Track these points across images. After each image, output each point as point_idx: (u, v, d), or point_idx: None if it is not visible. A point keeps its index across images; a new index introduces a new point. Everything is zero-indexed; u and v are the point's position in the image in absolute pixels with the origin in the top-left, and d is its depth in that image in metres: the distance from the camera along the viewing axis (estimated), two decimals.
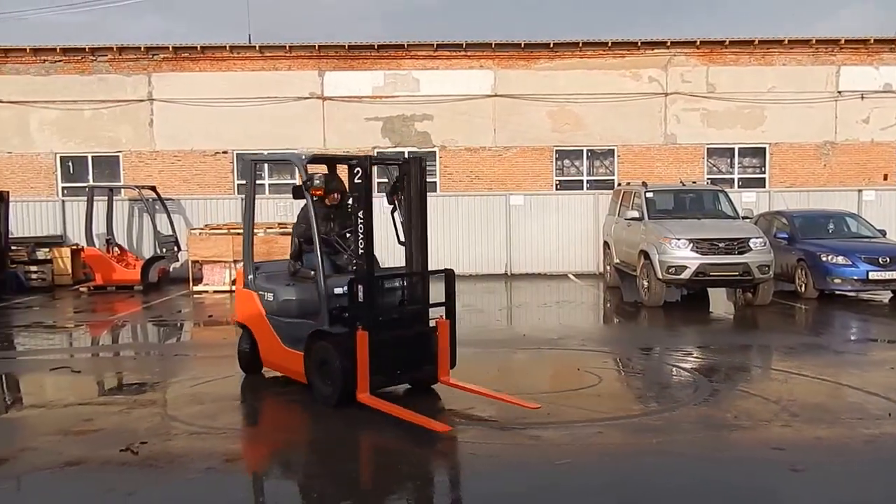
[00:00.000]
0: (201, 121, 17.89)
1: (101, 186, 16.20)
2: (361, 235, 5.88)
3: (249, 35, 18.41)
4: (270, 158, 13.39)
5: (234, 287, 13.78)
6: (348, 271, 6.40)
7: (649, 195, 12.74)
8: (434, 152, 18.19)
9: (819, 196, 16.68)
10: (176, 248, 15.30)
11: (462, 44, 17.96)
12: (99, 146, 18.11)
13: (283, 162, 8.82)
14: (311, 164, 6.65)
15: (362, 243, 5.88)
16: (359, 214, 5.91)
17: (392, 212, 6.57)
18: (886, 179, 18.25)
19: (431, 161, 18.23)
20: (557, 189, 18.16)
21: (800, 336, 9.66)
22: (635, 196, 13.02)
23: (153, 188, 15.70)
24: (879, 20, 56.85)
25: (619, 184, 16.07)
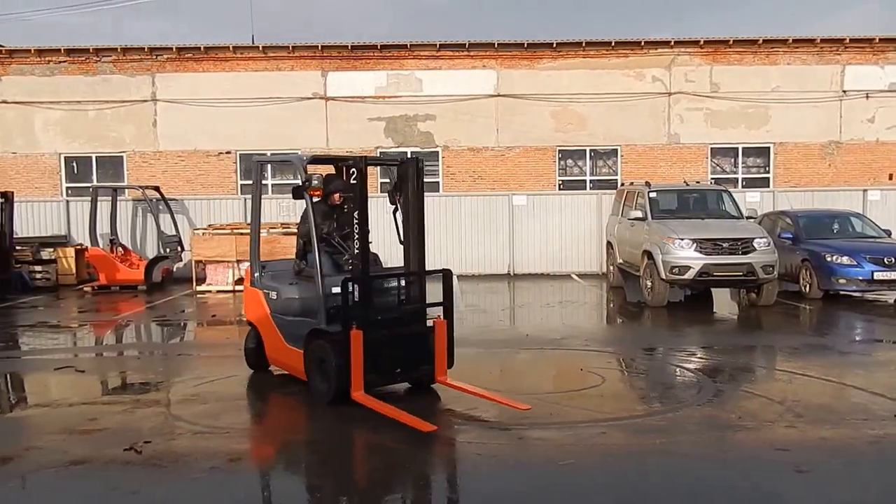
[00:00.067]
0: (205, 121, 17.92)
1: (105, 187, 16.25)
2: (357, 235, 5.94)
3: (252, 35, 18.43)
4: (274, 160, 13.39)
5: (237, 287, 13.94)
6: (348, 271, 6.42)
7: (653, 195, 12.72)
8: (437, 152, 18.19)
9: (824, 196, 16.66)
10: (179, 248, 15.33)
11: (465, 44, 17.96)
12: (103, 146, 18.15)
13: (286, 163, 8.90)
14: (313, 165, 6.67)
15: (357, 243, 5.94)
16: (354, 214, 5.97)
17: (394, 212, 6.59)
18: (892, 179, 18.19)
19: (434, 161, 18.25)
20: (560, 189, 18.14)
21: (804, 336, 9.63)
22: (639, 196, 13.00)
23: (157, 188, 15.74)
24: (884, 20, 56.70)
25: (623, 184, 16.04)
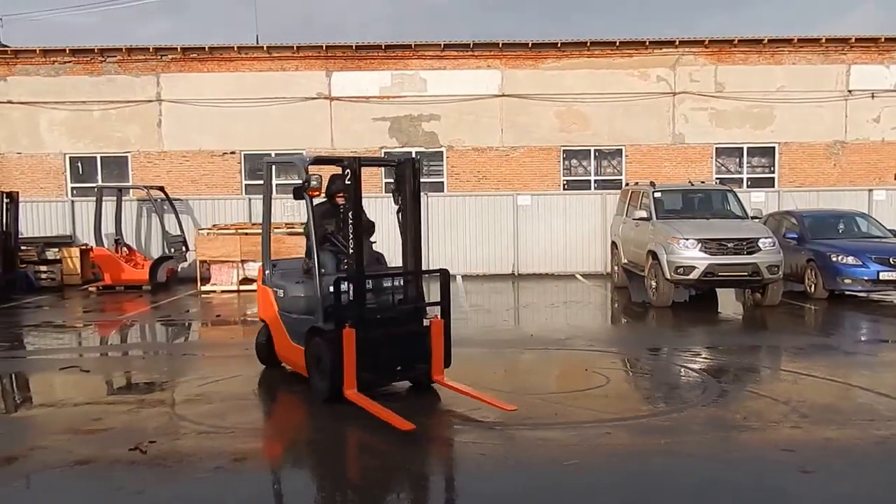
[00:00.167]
0: (209, 121, 17.95)
1: (110, 187, 16.30)
2: (351, 235, 6.00)
3: (257, 35, 18.53)
4: (280, 161, 13.35)
5: (242, 287, 13.97)
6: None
7: (657, 195, 12.70)
8: (441, 152, 18.19)
9: (829, 196, 16.60)
10: (184, 248, 15.36)
11: (469, 44, 17.94)
12: (108, 147, 18.19)
13: (289, 164, 8.96)
14: (316, 165, 6.70)
15: (352, 243, 6.00)
16: (349, 214, 6.04)
17: (397, 212, 6.62)
18: None
19: (439, 161, 18.25)
20: (565, 189, 18.12)
21: (809, 337, 9.61)
22: (643, 196, 12.98)
23: (162, 188, 15.77)
24: (880, 20, 56.52)
25: (627, 184, 15.99)
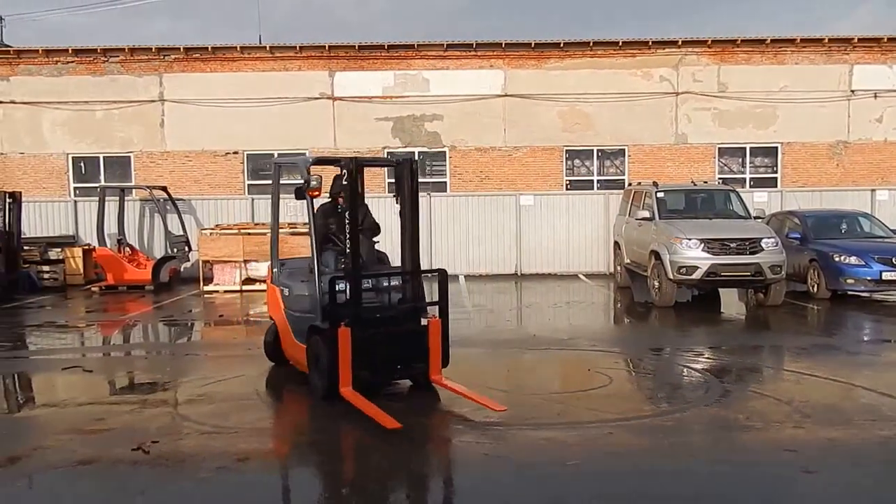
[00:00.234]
0: (212, 121, 17.96)
1: (113, 187, 16.30)
2: (348, 234, 6.05)
3: (260, 35, 18.56)
4: (284, 161, 13.38)
5: (244, 287, 13.99)
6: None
7: (660, 195, 12.69)
8: (444, 152, 18.19)
9: (832, 196, 16.58)
10: (187, 248, 15.37)
11: (472, 44, 17.94)
12: (110, 147, 18.21)
13: (292, 164, 9.06)
14: (318, 166, 6.71)
15: (348, 242, 6.05)
16: (345, 215, 6.10)
17: (400, 212, 6.64)
18: None
19: (441, 161, 18.25)
20: (568, 189, 18.11)
21: (812, 337, 9.59)
22: (646, 196, 12.97)
23: (164, 188, 15.78)
24: (879, 20, 56.42)
25: (630, 184, 15.99)
